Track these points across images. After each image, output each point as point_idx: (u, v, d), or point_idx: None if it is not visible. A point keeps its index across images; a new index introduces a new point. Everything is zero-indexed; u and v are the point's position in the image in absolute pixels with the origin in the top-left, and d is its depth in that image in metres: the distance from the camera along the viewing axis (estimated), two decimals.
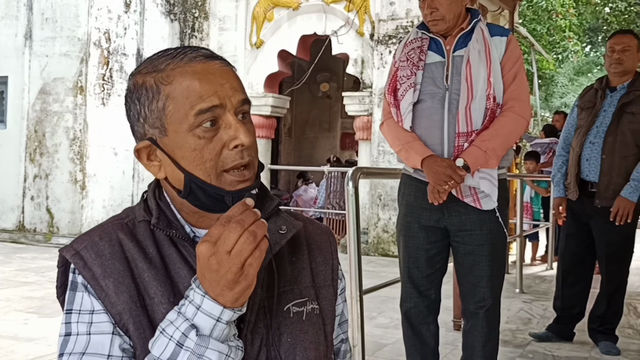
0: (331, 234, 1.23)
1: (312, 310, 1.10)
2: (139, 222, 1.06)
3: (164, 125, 1.01)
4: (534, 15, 19.46)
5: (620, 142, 3.78)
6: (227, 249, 0.88)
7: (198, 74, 0.99)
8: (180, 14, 9.47)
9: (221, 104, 0.99)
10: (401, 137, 2.60)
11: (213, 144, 0.99)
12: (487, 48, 2.56)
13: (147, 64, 1.04)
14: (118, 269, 1.00)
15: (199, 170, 1.00)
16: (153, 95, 1.01)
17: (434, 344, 2.74)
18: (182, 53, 1.02)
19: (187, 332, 0.90)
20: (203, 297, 0.91)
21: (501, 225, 2.58)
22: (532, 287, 6.26)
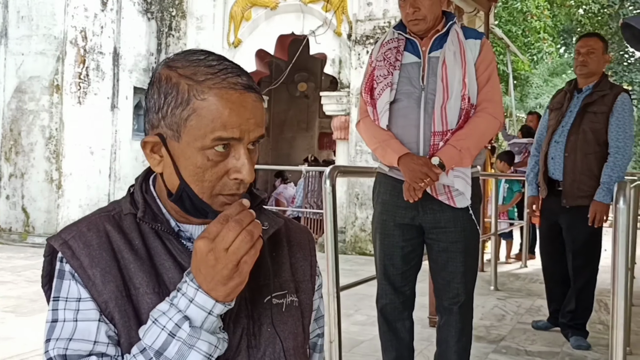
0: (309, 233, 1.28)
1: (291, 302, 1.14)
2: (125, 214, 1.09)
3: (180, 132, 1.02)
4: (509, 16, 19.67)
5: (582, 140, 3.92)
6: (225, 246, 0.93)
7: (231, 103, 1.00)
8: (158, 13, 9.45)
9: (240, 137, 1.02)
10: (378, 135, 2.64)
11: (217, 168, 1.02)
12: (462, 50, 2.62)
13: (186, 65, 1.03)
14: (105, 259, 1.02)
15: (195, 184, 1.03)
16: (181, 102, 1.01)
17: (409, 339, 2.79)
18: (224, 72, 1.02)
19: (180, 323, 0.94)
20: (197, 290, 0.95)
21: (474, 223, 2.64)
22: (506, 284, 6.36)
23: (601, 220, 3.81)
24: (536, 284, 6.46)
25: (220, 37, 9.17)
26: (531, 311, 5.16)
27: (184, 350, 0.94)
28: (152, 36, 9.45)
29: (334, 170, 2.81)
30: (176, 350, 0.94)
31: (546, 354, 3.93)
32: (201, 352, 0.95)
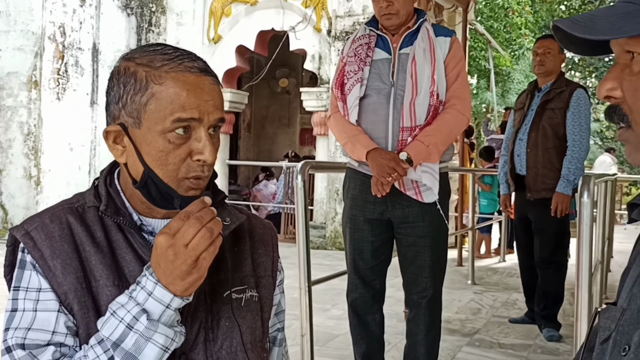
0: (273, 230, 1.30)
1: (250, 297, 1.16)
2: (88, 207, 1.10)
3: (140, 118, 1.04)
4: (490, 12, 19.77)
5: (542, 136, 4.11)
6: (185, 242, 0.96)
7: (189, 84, 1.03)
8: (137, 8, 9.41)
9: (200, 117, 1.04)
10: (347, 130, 2.67)
11: (180, 150, 1.04)
12: (432, 47, 2.65)
13: (143, 55, 1.07)
14: (66, 251, 1.04)
15: (159, 169, 1.05)
16: (140, 89, 1.04)
17: (379, 332, 2.82)
18: (180, 58, 1.05)
19: (137, 315, 0.97)
20: (155, 284, 0.98)
21: (442, 218, 2.68)
22: (483, 279, 6.42)
23: (563, 211, 3.95)
24: (513, 278, 6.53)
25: (200, 33, 9.15)
26: (507, 305, 5.23)
27: (140, 343, 0.96)
28: (132, 32, 9.41)
29: (305, 165, 2.83)
30: (133, 342, 0.96)
31: (519, 346, 3.98)
32: (157, 345, 0.97)
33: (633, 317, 0.77)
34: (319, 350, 3.73)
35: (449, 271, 6.66)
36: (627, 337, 0.76)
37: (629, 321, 0.77)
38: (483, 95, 20.89)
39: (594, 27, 0.74)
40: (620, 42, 0.75)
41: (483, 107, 21.18)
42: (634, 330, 0.75)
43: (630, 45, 0.74)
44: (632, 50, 0.74)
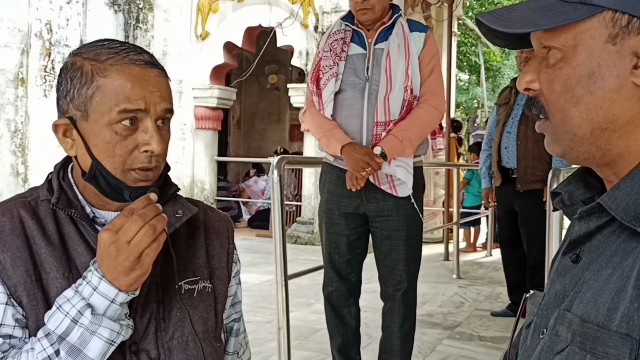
0: (229, 222, 1.32)
1: (203, 288, 1.18)
2: (41, 200, 1.12)
3: (87, 111, 1.06)
4: (480, 7, 19.81)
5: (531, 128, 4.14)
6: (127, 239, 0.98)
7: (133, 76, 1.06)
8: (124, 5, 9.39)
9: (146, 108, 1.06)
10: (322, 124, 2.69)
11: (127, 142, 1.06)
12: (406, 42, 2.68)
13: (90, 49, 1.09)
14: (16, 244, 1.05)
15: (107, 161, 1.07)
16: (86, 82, 1.06)
17: (355, 325, 2.85)
18: (126, 51, 1.08)
19: (82, 310, 0.98)
20: (100, 279, 0.99)
21: (416, 211, 2.71)
22: (469, 272, 6.46)
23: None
24: (499, 272, 6.54)
25: (188, 30, 9.14)
26: (490, 298, 5.27)
27: (85, 336, 0.98)
28: (119, 29, 9.39)
29: (282, 161, 2.86)
30: (78, 335, 0.98)
31: (499, 338, 4.02)
32: (102, 338, 0.99)
33: (551, 301, 0.79)
34: (300, 344, 3.77)
35: (435, 265, 6.75)
36: (545, 320, 0.79)
37: (546, 305, 0.80)
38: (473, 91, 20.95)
39: (511, 20, 0.76)
40: (537, 35, 0.78)
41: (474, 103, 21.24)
42: (551, 314, 0.78)
43: (545, 38, 0.76)
44: (547, 44, 0.77)
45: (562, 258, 0.81)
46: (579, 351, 0.71)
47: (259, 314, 4.43)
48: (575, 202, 0.83)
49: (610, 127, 0.74)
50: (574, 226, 0.80)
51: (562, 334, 0.74)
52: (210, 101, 9.16)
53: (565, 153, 0.79)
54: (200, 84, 9.11)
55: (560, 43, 0.75)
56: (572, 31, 0.74)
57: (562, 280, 0.79)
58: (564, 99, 0.76)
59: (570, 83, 0.75)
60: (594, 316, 0.70)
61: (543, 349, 0.77)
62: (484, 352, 3.78)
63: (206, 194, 9.26)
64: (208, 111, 9.20)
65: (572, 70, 0.75)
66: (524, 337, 0.85)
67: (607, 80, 0.73)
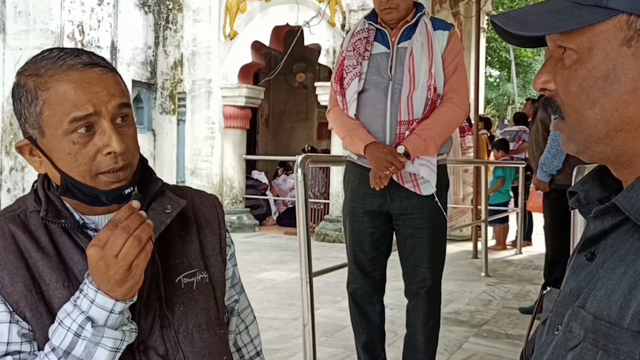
0: (219, 205, 1.31)
1: (202, 279, 1.20)
2: (30, 212, 1.11)
3: (41, 128, 1.06)
4: (511, 2, 19.62)
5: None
6: (114, 253, 0.98)
7: (73, 82, 1.04)
8: (154, 6, 9.51)
9: (96, 111, 1.04)
10: (346, 124, 2.71)
11: (87, 149, 1.05)
12: (429, 41, 2.68)
13: (30, 65, 1.08)
14: (12, 261, 1.05)
15: (73, 172, 1.07)
16: (32, 99, 1.05)
17: (380, 322, 2.87)
18: (62, 59, 1.06)
19: (83, 324, 1.00)
20: (96, 292, 1.01)
21: (440, 209, 2.71)
22: (498, 270, 6.43)
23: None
24: (528, 270, 6.54)
25: (217, 30, 9.23)
26: (519, 296, 5.24)
27: (90, 348, 1.00)
28: (150, 29, 9.52)
29: (305, 159, 2.88)
30: (83, 348, 1.00)
31: None
32: (107, 348, 1.01)
33: (565, 298, 0.81)
34: (326, 341, 3.80)
35: (464, 263, 6.73)
36: (560, 317, 0.80)
37: (562, 302, 0.81)
38: (504, 87, 20.77)
39: (526, 23, 0.77)
40: (553, 37, 0.78)
41: (504, 99, 21.05)
42: (565, 311, 0.79)
43: (561, 40, 0.77)
44: (564, 45, 0.77)
45: (577, 256, 0.82)
46: (592, 348, 0.72)
47: (286, 311, 4.47)
48: (591, 201, 0.83)
49: (626, 129, 0.75)
50: (589, 225, 0.81)
51: (576, 331, 0.75)
52: (238, 100, 9.23)
53: (580, 152, 0.80)
54: (228, 83, 9.19)
55: (576, 45, 0.76)
56: (587, 34, 0.75)
57: (577, 278, 0.80)
58: (580, 101, 0.77)
59: (586, 85, 0.76)
60: (607, 314, 0.71)
61: (557, 345, 0.78)
62: (511, 350, 3.76)
63: (235, 192, 9.35)
64: (236, 110, 9.28)
65: (587, 72, 0.75)
66: (539, 333, 0.87)
67: (623, 83, 0.73)
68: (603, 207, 0.78)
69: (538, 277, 6.09)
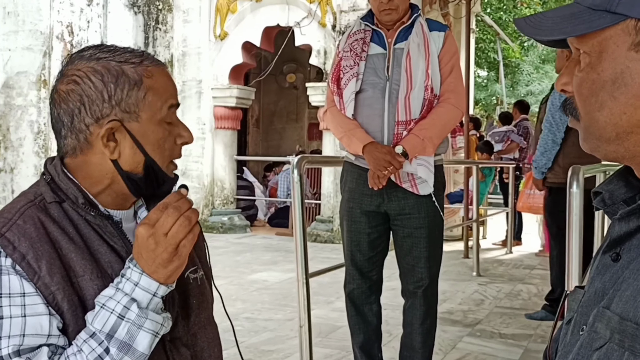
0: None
1: (202, 276, 1.26)
2: (49, 203, 1.09)
3: (138, 112, 1.10)
4: (499, 3, 19.72)
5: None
6: (164, 231, 1.01)
7: (166, 75, 1.15)
8: (144, 7, 9.48)
9: (178, 103, 1.17)
10: (344, 124, 2.72)
11: (171, 137, 1.15)
12: (426, 42, 2.70)
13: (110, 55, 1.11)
14: (48, 251, 1.03)
15: (158, 156, 1.14)
16: (135, 84, 1.10)
17: (377, 322, 2.88)
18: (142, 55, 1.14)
19: (128, 305, 1.01)
20: (141, 274, 1.03)
21: (437, 209, 2.73)
22: (489, 270, 6.45)
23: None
24: (519, 269, 6.57)
25: (207, 30, 9.20)
26: (510, 296, 5.26)
27: (133, 331, 1.01)
28: (139, 30, 9.49)
29: (302, 160, 2.88)
30: (126, 331, 1.00)
31: (519, 336, 4.03)
32: (149, 332, 1.02)
33: (590, 298, 0.81)
34: (321, 342, 3.80)
35: (455, 263, 6.75)
36: (585, 317, 0.80)
37: (587, 302, 0.82)
38: (492, 87, 20.85)
39: (541, 27, 0.79)
40: (571, 40, 0.80)
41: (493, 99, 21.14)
42: (590, 311, 0.79)
43: (577, 43, 0.79)
44: (579, 48, 0.79)
45: (602, 256, 0.83)
46: (618, 348, 0.72)
47: (280, 311, 4.47)
48: (616, 202, 0.83)
49: (636, 131, 0.75)
50: (615, 225, 0.81)
51: (601, 331, 0.75)
52: (229, 101, 9.22)
53: (593, 150, 0.81)
54: (219, 84, 9.17)
55: (588, 48, 0.77)
56: (597, 38, 0.76)
57: (602, 279, 0.80)
58: (589, 103, 0.78)
59: (595, 88, 0.77)
60: (633, 314, 0.71)
61: (582, 345, 0.78)
62: (505, 349, 3.79)
63: (226, 192, 9.33)
64: (227, 111, 9.26)
65: (597, 76, 0.77)
66: (563, 333, 0.87)
67: (630, 87, 0.74)
68: (630, 208, 0.78)
69: (529, 276, 6.13)
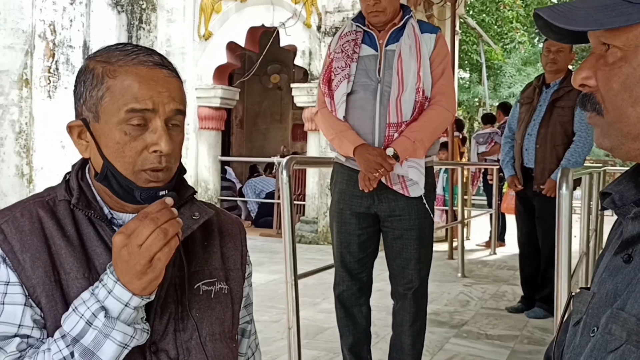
0: (241, 224, 1.34)
1: (220, 289, 1.20)
2: (59, 201, 1.13)
3: (98, 112, 1.09)
4: (482, 6, 19.82)
5: (551, 133, 4.32)
6: (139, 243, 0.98)
7: (140, 77, 1.07)
8: (128, 6, 9.41)
9: (154, 108, 1.07)
10: (335, 126, 2.71)
11: (136, 143, 1.08)
12: (417, 44, 2.70)
13: (103, 53, 1.12)
14: (36, 245, 1.06)
15: (117, 161, 1.09)
16: (96, 84, 1.08)
17: (366, 324, 2.88)
18: (135, 53, 1.10)
19: (96, 312, 0.99)
20: (115, 282, 1.01)
21: (428, 211, 2.73)
22: (474, 271, 6.48)
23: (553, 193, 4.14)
24: (503, 270, 6.60)
25: (191, 30, 9.16)
26: (496, 297, 5.29)
27: (99, 339, 0.99)
28: (123, 29, 9.41)
29: (291, 161, 2.87)
30: (92, 338, 0.99)
31: (506, 337, 4.04)
32: (115, 342, 1.00)
33: (602, 300, 0.80)
34: (309, 344, 3.79)
35: (440, 264, 6.76)
36: (596, 319, 0.80)
37: (597, 304, 0.81)
38: (475, 89, 20.94)
39: (573, 17, 0.77)
40: (596, 33, 0.78)
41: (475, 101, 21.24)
42: (602, 313, 0.78)
43: (606, 37, 0.77)
44: (608, 42, 0.77)
45: (613, 258, 0.82)
46: (635, 350, 0.72)
47: (266, 313, 4.45)
48: (626, 203, 0.83)
49: None
50: (627, 226, 0.81)
51: (616, 333, 0.75)
52: (213, 101, 9.18)
53: (614, 148, 0.80)
54: (203, 84, 9.12)
55: (621, 42, 0.75)
56: (634, 31, 0.74)
57: (614, 280, 0.80)
58: (622, 98, 0.77)
59: (630, 82, 0.76)
60: None
61: (595, 347, 0.77)
62: (492, 350, 3.80)
63: (210, 193, 9.28)
64: (211, 111, 9.22)
65: (632, 70, 0.75)
66: (571, 335, 0.86)
67: None
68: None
69: (513, 277, 6.16)
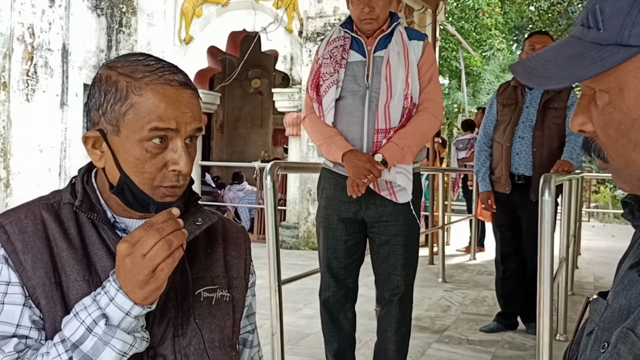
0: (245, 233, 1.34)
1: (221, 297, 1.20)
2: (64, 204, 1.13)
3: (119, 127, 1.08)
4: (461, 13, 19.97)
5: (547, 136, 4.06)
6: (143, 253, 0.98)
7: (167, 97, 1.07)
8: (107, 9, 9.35)
9: (177, 128, 1.08)
10: (323, 131, 2.71)
11: (156, 160, 1.08)
12: (405, 50, 2.71)
13: (125, 64, 1.10)
14: (38, 246, 1.07)
15: (136, 176, 1.09)
16: (120, 98, 1.07)
17: (351, 330, 2.87)
18: (161, 70, 1.09)
19: (97, 319, 0.99)
20: (117, 291, 1.01)
21: (415, 217, 2.74)
22: (454, 276, 6.51)
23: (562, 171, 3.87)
24: (483, 275, 6.65)
25: (172, 34, 9.13)
26: (476, 302, 5.32)
27: (98, 346, 0.99)
28: (102, 32, 9.35)
29: (275, 166, 2.85)
30: (92, 345, 0.99)
31: (487, 342, 4.07)
32: (115, 350, 1.00)
33: (614, 314, 0.77)
34: (291, 349, 3.78)
35: (421, 269, 6.78)
36: (608, 334, 0.77)
37: (609, 318, 0.78)
38: (454, 95, 21.11)
39: (546, 75, 0.73)
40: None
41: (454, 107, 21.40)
42: (613, 328, 0.75)
43: (590, 82, 0.73)
44: (592, 87, 0.74)
45: (628, 271, 0.79)
46: None
47: None
48: None
49: None
50: None
51: (624, 355, 0.72)
52: None
53: (635, 190, 0.76)
54: None
55: (604, 87, 0.71)
56: (614, 74, 0.70)
57: (628, 295, 0.77)
58: (622, 144, 0.72)
59: (624, 128, 0.71)
60: None
61: None
62: (473, 355, 3.82)
63: None
64: None
65: (623, 115, 0.71)
66: (584, 344, 0.84)
67: None
68: None
69: (493, 282, 6.17)
